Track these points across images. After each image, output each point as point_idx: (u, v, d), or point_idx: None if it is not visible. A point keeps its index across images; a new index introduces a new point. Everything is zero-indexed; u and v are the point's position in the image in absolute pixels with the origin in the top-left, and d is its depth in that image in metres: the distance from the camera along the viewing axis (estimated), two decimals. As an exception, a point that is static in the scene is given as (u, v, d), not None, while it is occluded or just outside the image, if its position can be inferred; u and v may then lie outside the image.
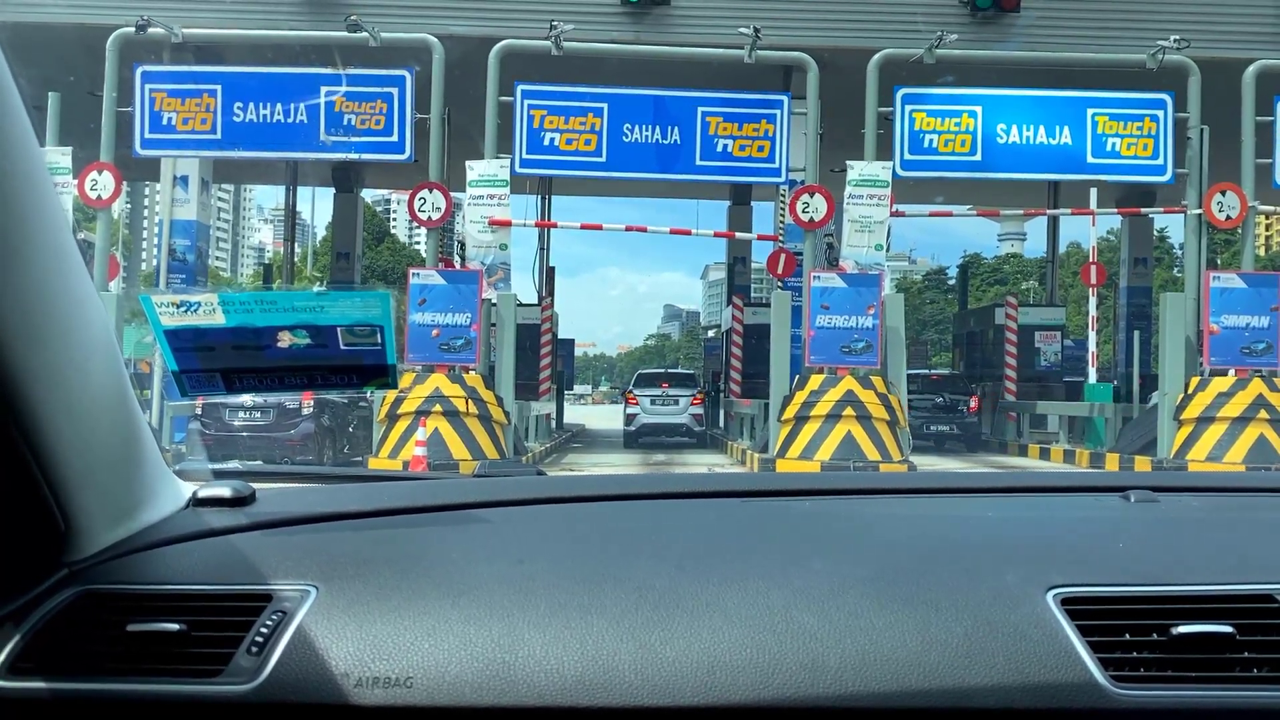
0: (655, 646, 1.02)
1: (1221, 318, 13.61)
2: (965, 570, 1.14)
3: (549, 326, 19.61)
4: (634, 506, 1.45)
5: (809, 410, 13.21)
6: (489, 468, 1.69)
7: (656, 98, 14.08)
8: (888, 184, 13.69)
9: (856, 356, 13.48)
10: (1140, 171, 14.30)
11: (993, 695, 0.99)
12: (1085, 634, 1.04)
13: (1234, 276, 13.94)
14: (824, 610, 1.06)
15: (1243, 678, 1.02)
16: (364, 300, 1.16)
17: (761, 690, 0.98)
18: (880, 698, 0.99)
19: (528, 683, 0.99)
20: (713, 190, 23.23)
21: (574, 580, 1.12)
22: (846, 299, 13.55)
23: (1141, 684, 1.01)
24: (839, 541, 1.26)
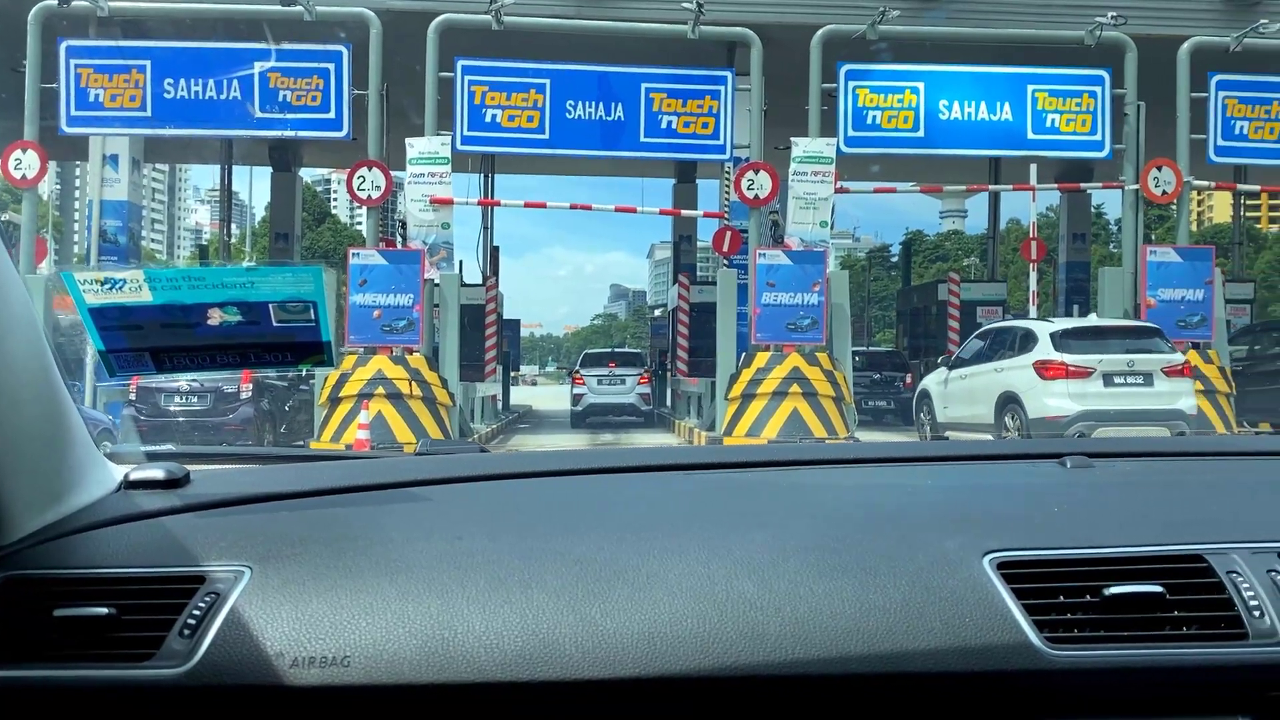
0: (596, 619, 1.01)
1: (1158, 291, 13.86)
2: (904, 537, 1.14)
3: (494, 307, 19.39)
4: (576, 482, 1.44)
5: (755, 388, 13.22)
6: (430, 446, 1.67)
7: (600, 74, 13.92)
8: (832, 160, 13.69)
9: (802, 334, 13.50)
10: (1079, 147, 14.46)
11: (929, 659, 1.00)
12: (1020, 597, 1.05)
13: (1170, 250, 14.19)
14: (765, 579, 1.06)
15: (1172, 635, 1.04)
16: (295, 275, 1.14)
17: (702, 660, 0.98)
18: (820, 664, 0.99)
19: (467, 658, 0.98)
20: (658, 168, 23.10)
21: (514, 555, 1.11)
22: (792, 276, 13.55)
23: (1074, 644, 1.02)
24: (780, 511, 1.26)
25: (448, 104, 13.66)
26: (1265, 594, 1.07)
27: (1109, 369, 11.39)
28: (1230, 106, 14.31)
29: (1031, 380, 11.65)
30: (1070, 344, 11.66)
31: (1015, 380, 11.95)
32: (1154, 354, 11.67)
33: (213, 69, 13.66)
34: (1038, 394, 11.56)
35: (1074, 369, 11.40)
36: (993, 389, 12.34)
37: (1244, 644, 1.04)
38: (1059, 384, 11.42)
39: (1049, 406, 11.44)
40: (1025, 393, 11.72)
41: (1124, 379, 11.41)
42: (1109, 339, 11.93)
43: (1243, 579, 1.09)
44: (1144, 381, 11.40)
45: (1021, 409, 11.74)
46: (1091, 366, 11.38)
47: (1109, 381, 11.40)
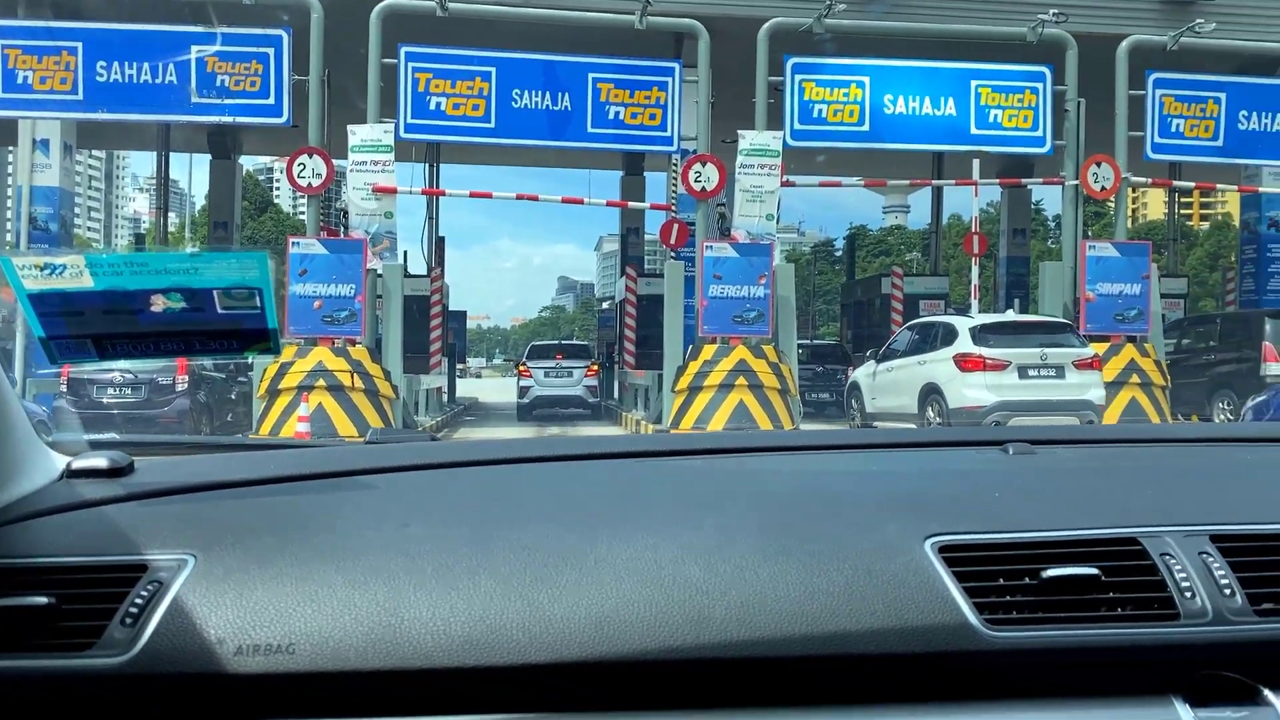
0: (543, 604, 1.02)
1: (1097, 285, 14.09)
2: (848, 522, 1.16)
3: (439, 298, 19.15)
4: (525, 469, 1.44)
5: (702, 380, 13.21)
6: (380, 435, 1.67)
7: (546, 62, 13.79)
8: (778, 154, 13.72)
9: (749, 326, 13.53)
10: (1020, 143, 14.65)
11: (872, 640, 1.01)
12: (961, 580, 1.07)
13: (1108, 245, 14.44)
14: (711, 564, 1.07)
15: (1107, 616, 1.07)
16: (240, 262, 1.13)
17: (648, 643, 0.99)
18: (764, 646, 1.00)
19: (413, 645, 0.98)
20: (605, 160, 22.99)
21: (462, 542, 1.11)
22: (738, 269, 13.56)
23: (1013, 625, 1.04)
24: (727, 497, 1.27)
25: (391, 91, 13.45)
26: (1196, 575, 1.10)
27: (1023, 362, 12.03)
28: (1167, 104, 14.59)
29: (952, 372, 12.25)
30: (988, 338, 12.29)
31: (937, 372, 12.54)
32: (1065, 348, 12.31)
33: (148, 52, 13.29)
34: (957, 385, 12.16)
35: (991, 362, 12.02)
36: (916, 380, 12.92)
37: (1176, 624, 1.07)
38: (977, 376, 12.07)
39: (967, 397, 12.02)
40: (946, 384, 12.32)
41: (1037, 371, 12.05)
42: (1024, 334, 12.58)
43: (1175, 561, 1.11)
44: (1056, 374, 12.05)
45: (943, 399, 12.32)
46: (1007, 359, 12.00)
47: (1023, 374, 12.03)
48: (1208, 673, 1.05)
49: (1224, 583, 1.09)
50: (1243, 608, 1.08)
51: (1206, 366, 15.55)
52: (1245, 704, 1.03)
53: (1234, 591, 1.09)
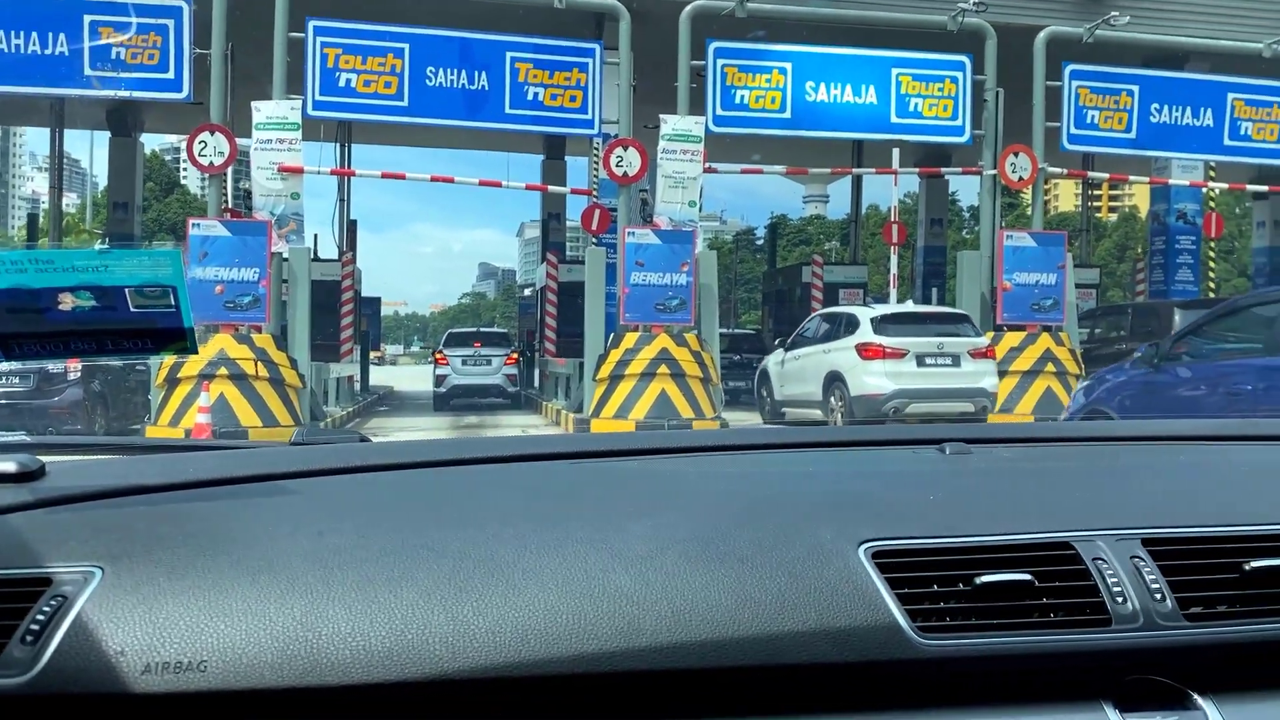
0: (468, 618, 0.98)
1: (1014, 275, 14.20)
2: (781, 527, 1.14)
3: (350, 283, 18.56)
4: (456, 473, 1.41)
5: (624, 369, 12.97)
6: (307, 435, 1.60)
7: (463, 40, 13.33)
8: (700, 139, 13.51)
9: (671, 314, 13.33)
10: (940, 132, 14.68)
11: (804, 649, 1.00)
12: (894, 586, 1.05)
13: (1025, 235, 14.56)
14: (641, 572, 1.05)
15: (1039, 623, 1.05)
16: (152, 259, 1.11)
17: (575, 655, 0.97)
18: (696, 656, 0.98)
19: (331, 661, 0.95)
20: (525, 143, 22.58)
21: (385, 552, 1.07)
22: (661, 256, 13.34)
23: (946, 633, 1.03)
24: (659, 502, 1.25)
25: (298, 67, 12.87)
26: (1128, 580, 1.09)
27: (921, 351, 12.55)
28: (1083, 96, 14.76)
29: (854, 361, 12.68)
30: (888, 328, 12.76)
31: (840, 361, 12.99)
32: (961, 337, 12.85)
33: (39, 21, 12.49)
34: (859, 373, 12.61)
35: (890, 350, 12.50)
36: (821, 368, 13.37)
37: (1107, 630, 1.06)
38: (877, 364, 12.50)
39: (868, 384, 12.50)
40: (848, 372, 12.77)
41: (934, 360, 12.58)
42: (922, 324, 13.13)
43: (1108, 565, 1.10)
44: (952, 362, 12.59)
45: (845, 387, 12.78)
46: (906, 348, 12.48)
47: (921, 362, 12.53)
48: (1137, 678, 1.05)
49: (1155, 587, 1.09)
50: (1172, 612, 1.07)
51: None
52: (1174, 709, 1.03)
53: (1164, 596, 1.08)
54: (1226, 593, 1.09)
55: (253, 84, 13.05)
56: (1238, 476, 1.46)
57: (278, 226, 12.59)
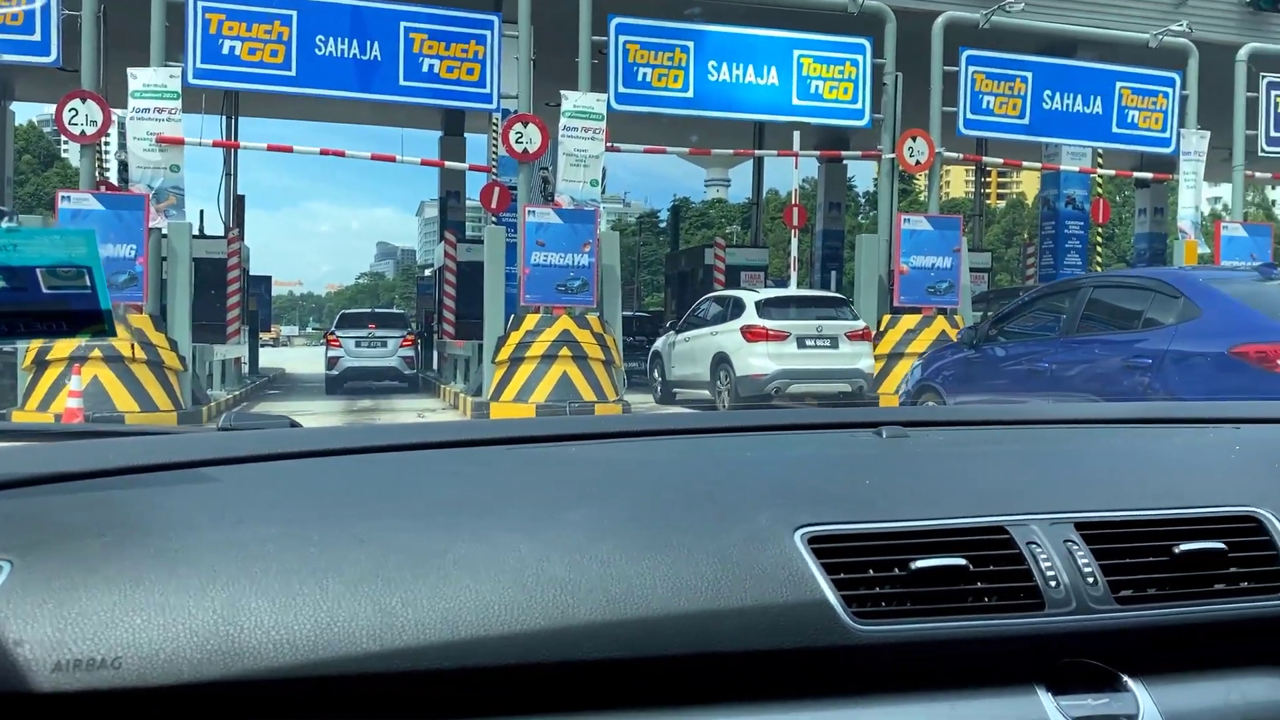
0: (395, 609, 0.96)
1: (911, 258, 14.37)
2: (718, 513, 1.13)
3: (237, 261, 17.80)
4: (389, 459, 1.36)
5: (524, 351, 12.70)
6: (234, 420, 1.54)
7: (354, 8, 12.78)
8: (602, 117, 13.27)
9: (573, 295, 13.11)
10: (840, 115, 14.73)
11: (739, 636, 1.00)
12: (830, 572, 1.05)
13: (922, 219, 14.74)
14: (576, 561, 1.03)
15: (973, 607, 1.06)
16: (65, 239, 1.09)
17: (508, 648, 0.96)
18: (631, 646, 0.98)
19: (253, 655, 0.91)
20: (423, 118, 22.01)
21: (311, 543, 1.03)
22: (562, 236, 13.09)
23: (881, 618, 1.03)
24: (595, 488, 1.23)
25: (178, 32, 12.19)
26: (1061, 564, 1.09)
27: (802, 333, 13.18)
28: (979, 81, 14.99)
29: (739, 343, 13.21)
30: (771, 311, 13.35)
31: (726, 343, 13.51)
32: (840, 321, 13.50)
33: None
34: (743, 355, 13.13)
35: (773, 333, 13.07)
36: (709, 350, 13.89)
37: (1040, 614, 1.06)
38: (760, 345, 13.07)
39: (752, 365, 13.03)
40: (733, 354, 13.28)
41: (814, 342, 13.22)
42: (803, 307, 13.76)
43: (1041, 549, 1.10)
44: (831, 344, 13.25)
45: (731, 368, 13.29)
46: (787, 331, 13.11)
47: (802, 344, 13.15)
48: (1069, 661, 1.06)
49: (1087, 571, 1.09)
50: (1104, 595, 1.08)
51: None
52: (1106, 690, 1.05)
53: (1096, 579, 1.09)
54: (1157, 575, 1.11)
55: (130, 50, 12.30)
56: (1169, 460, 1.47)
57: (156, 201, 11.93)
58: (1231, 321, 6.64)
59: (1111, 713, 1.03)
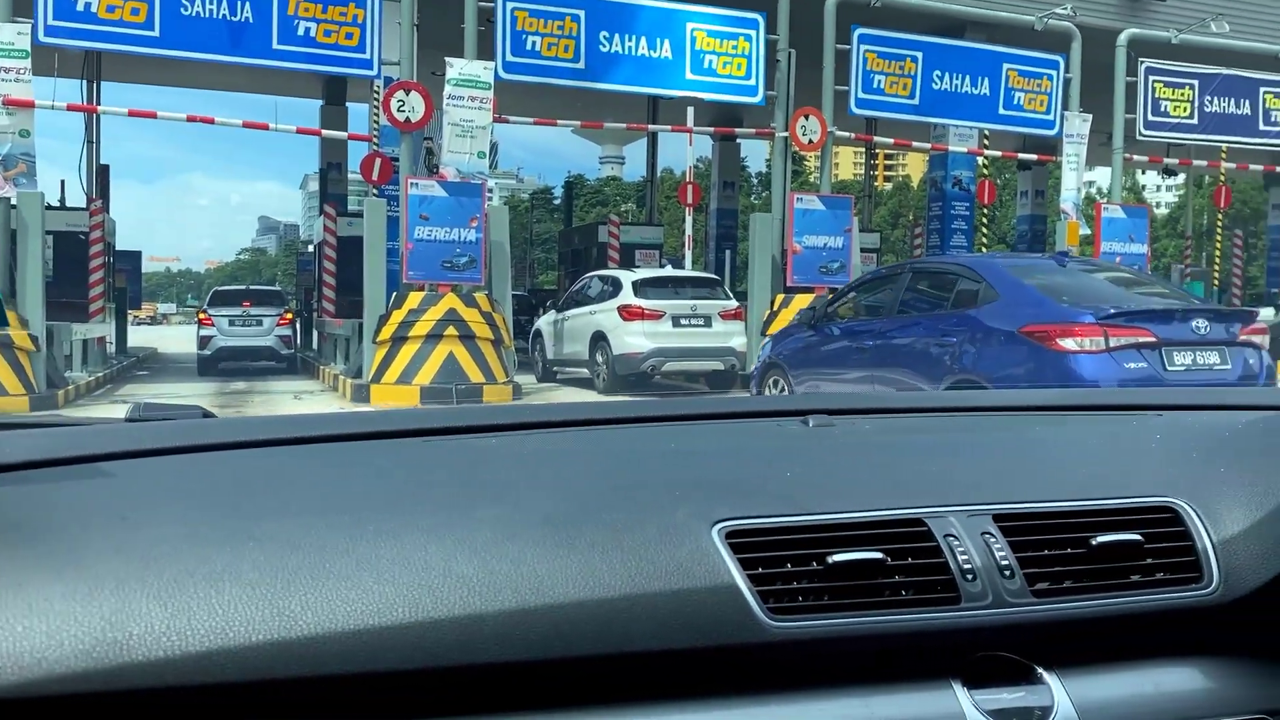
0: (295, 613, 0.91)
1: (803, 238, 14.30)
2: (636, 508, 1.09)
3: (101, 235, 16.70)
4: (300, 452, 1.29)
5: (407, 330, 12.19)
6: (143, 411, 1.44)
7: (221, -36, 12.00)
8: (489, 86, 12.78)
9: (459, 272, 12.63)
10: (734, 91, 14.54)
11: (653, 636, 0.97)
12: (747, 567, 1.02)
13: (814, 199, 14.68)
14: (486, 561, 0.98)
15: (890, 602, 1.04)
16: None
17: (412, 653, 0.92)
18: (540, 647, 0.94)
19: (144, 664, 0.87)
20: (304, 87, 21.07)
21: (208, 543, 0.97)
22: (447, 209, 12.59)
23: (797, 614, 1.01)
24: (512, 483, 1.18)
25: (25, -16, 11.23)
26: (978, 557, 1.08)
27: (676, 312, 13.54)
28: (870, 60, 14.97)
29: (616, 321, 13.54)
30: (647, 290, 13.69)
31: (604, 321, 13.81)
32: (714, 300, 13.91)
33: None
34: (620, 333, 13.47)
35: (649, 312, 13.40)
36: (588, 329, 14.15)
37: (956, 608, 1.05)
38: (636, 324, 13.40)
39: (628, 343, 13.36)
40: (611, 332, 13.58)
41: (689, 321, 13.58)
42: (678, 287, 14.14)
43: (958, 542, 1.09)
44: (704, 323, 13.62)
45: (608, 346, 13.59)
46: (662, 310, 13.46)
47: (676, 323, 13.50)
48: (984, 655, 1.05)
49: (1004, 564, 1.08)
50: (1020, 589, 1.07)
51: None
52: (1021, 684, 1.05)
53: (1013, 573, 1.08)
54: (1074, 568, 1.10)
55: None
56: (1090, 449, 1.44)
57: (4, 168, 11.00)
58: (1023, 305, 7.23)
59: (1027, 705, 1.03)
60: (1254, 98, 16.66)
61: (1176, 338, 6.97)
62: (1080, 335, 6.85)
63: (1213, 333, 7.06)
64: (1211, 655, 1.12)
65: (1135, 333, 6.88)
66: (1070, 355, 6.81)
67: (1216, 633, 1.12)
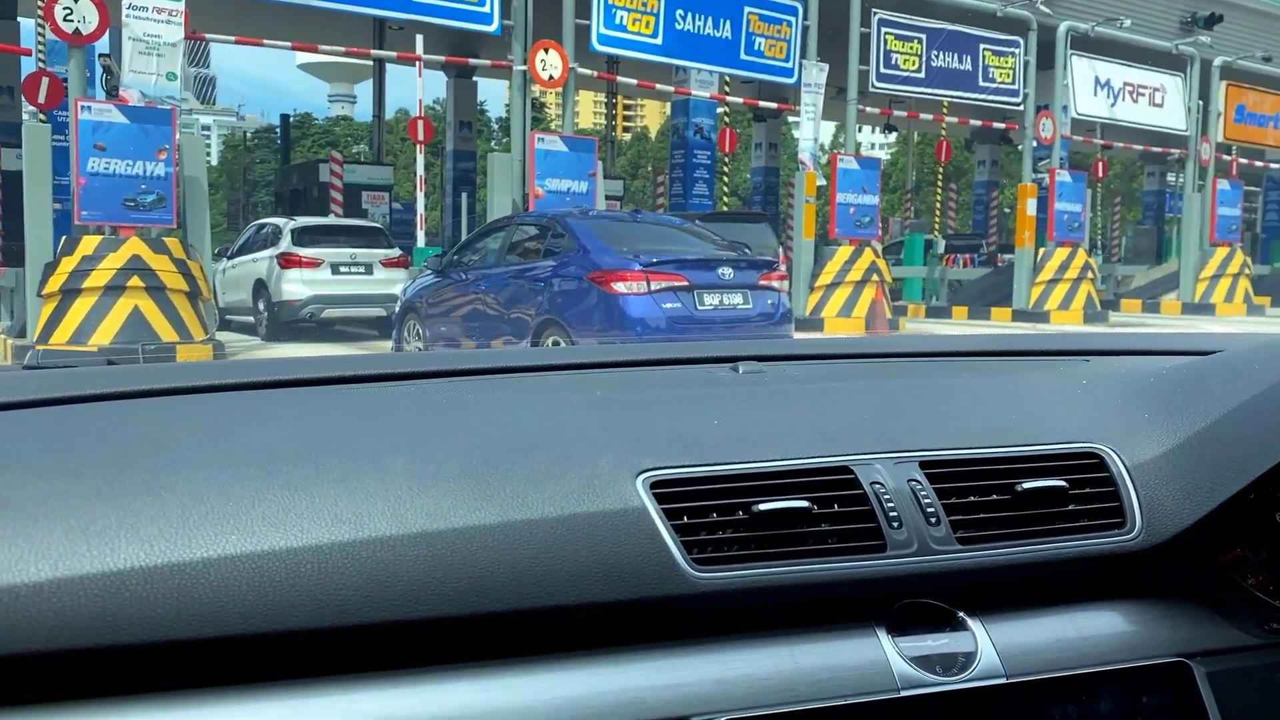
0: (197, 571, 0.88)
1: (546, 181, 13.40)
2: (557, 459, 1.06)
3: None
4: (208, 400, 1.22)
5: (81, 281, 10.31)
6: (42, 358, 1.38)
7: None
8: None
9: (145, 213, 10.85)
10: (466, 17, 13.32)
11: (574, 589, 0.96)
12: (671, 518, 1.01)
13: (557, 139, 13.79)
14: (399, 514, 0.96)
15: (816, 550, 1.04)
16: None
17: (320, 611, 0.89)
18: (455, 603, 0.92)
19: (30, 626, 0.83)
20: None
21: (103, 498, 0.92)
22: (129, 139, 10.74)
23: (722, 564, 1.01)
24: (428, 434, 1.13)
25: None
26: (904, 504, 1.08)
27: (336, 260, 13.98)
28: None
29: (275, 269, 13.83)
30: (305, 239, 14.13)
31: (264, 269, 14.15)
32: (375, 249, 14.49)
33: None
34: (279, 281, 13.71)
35: (306, 260, 13.80)
36: (250, 276, 14.49)
37: (882, 555, 1.05)
38: (295, 272, 13.73)
39: (287, 291, 13.67)
40: (270, 280, 13.90)
41: (349, 269, 14.03)
42: (338, 235, 14.69)
43: (884, 490, 1.09)
44: (365, 271, 14.14)
45: (268, 293, 13.91)
46: (321, 258, 13.87)
47: (336, 270, 13.92)
48: (909, 602, 1.06)
49: (930, 511, 1.09)
50: (946, 536, 1.08)
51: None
52: (945, 630, 1.05)
53: (939, 520, 1.08)
54: (1000, 514, 1.11)
55: None
56: (1017, 395, 1.39)
57: None
58: (592, 254, 8.44)
59: (950, 651, 1.03)
60: (975, 54, 17.30)
61: (706, 282, 8.32)
62: (628, 280, 8.11)
63: (737, 278, 8.49)
64: (1132, 599, 1.14)
65: (671, 278, 8.18)
66: (621, 297, 8.05)
67: (1137, 577, 1.14)
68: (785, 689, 0.98)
